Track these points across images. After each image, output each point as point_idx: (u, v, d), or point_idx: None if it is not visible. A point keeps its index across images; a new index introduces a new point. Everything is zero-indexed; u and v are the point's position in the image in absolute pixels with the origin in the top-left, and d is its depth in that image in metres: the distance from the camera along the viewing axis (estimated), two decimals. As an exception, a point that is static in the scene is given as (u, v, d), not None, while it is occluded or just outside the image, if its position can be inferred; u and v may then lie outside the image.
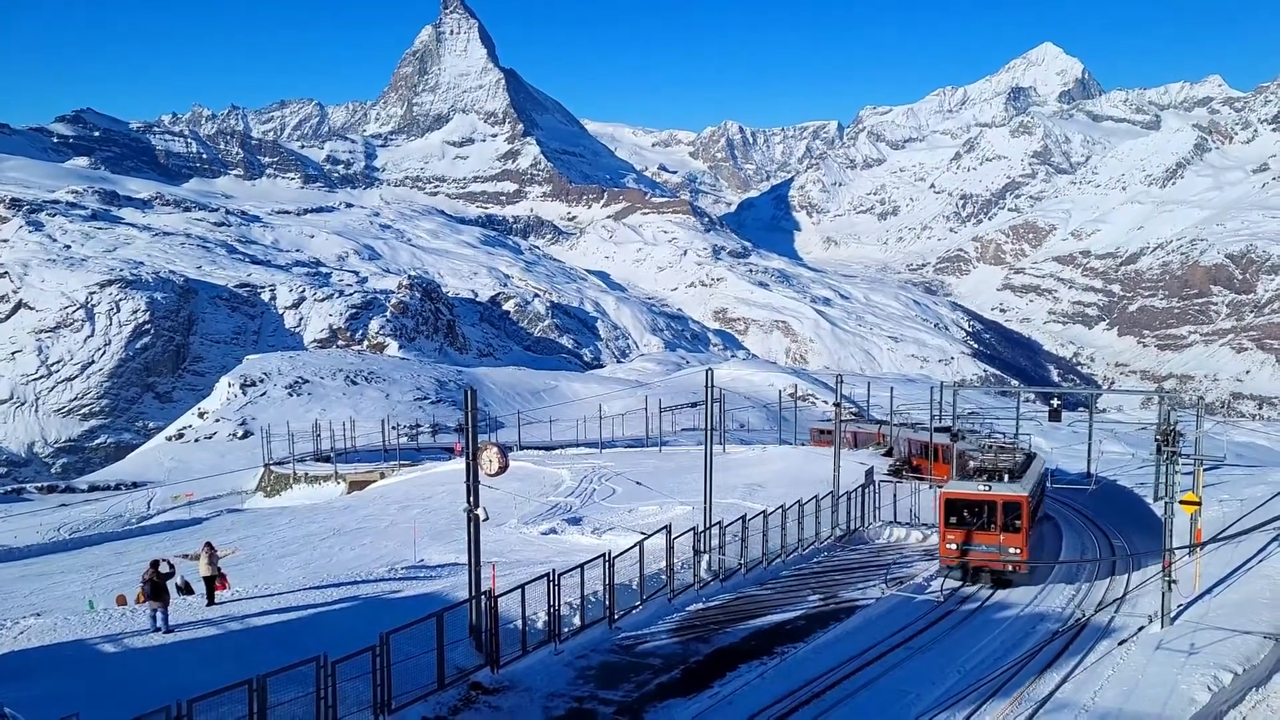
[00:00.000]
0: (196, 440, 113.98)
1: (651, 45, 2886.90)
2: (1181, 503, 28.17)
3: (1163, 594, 25.42)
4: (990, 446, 43.81)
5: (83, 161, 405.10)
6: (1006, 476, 33.83)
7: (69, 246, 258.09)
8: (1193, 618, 25.14)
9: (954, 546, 32.58)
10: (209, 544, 31.59)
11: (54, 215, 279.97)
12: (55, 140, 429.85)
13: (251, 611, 29.30)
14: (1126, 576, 36.12)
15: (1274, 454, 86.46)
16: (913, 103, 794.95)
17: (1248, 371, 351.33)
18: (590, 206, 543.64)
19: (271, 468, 79.46)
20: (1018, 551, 31.79)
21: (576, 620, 26.73)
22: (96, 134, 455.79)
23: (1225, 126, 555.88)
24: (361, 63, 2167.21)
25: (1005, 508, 32.03)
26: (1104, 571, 37.16)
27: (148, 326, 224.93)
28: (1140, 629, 25.36)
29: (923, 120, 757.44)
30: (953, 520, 32.96)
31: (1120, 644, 24.43)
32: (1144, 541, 41.31)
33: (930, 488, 47.57)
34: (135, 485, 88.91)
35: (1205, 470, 33.85)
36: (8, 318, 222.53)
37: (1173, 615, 25.37)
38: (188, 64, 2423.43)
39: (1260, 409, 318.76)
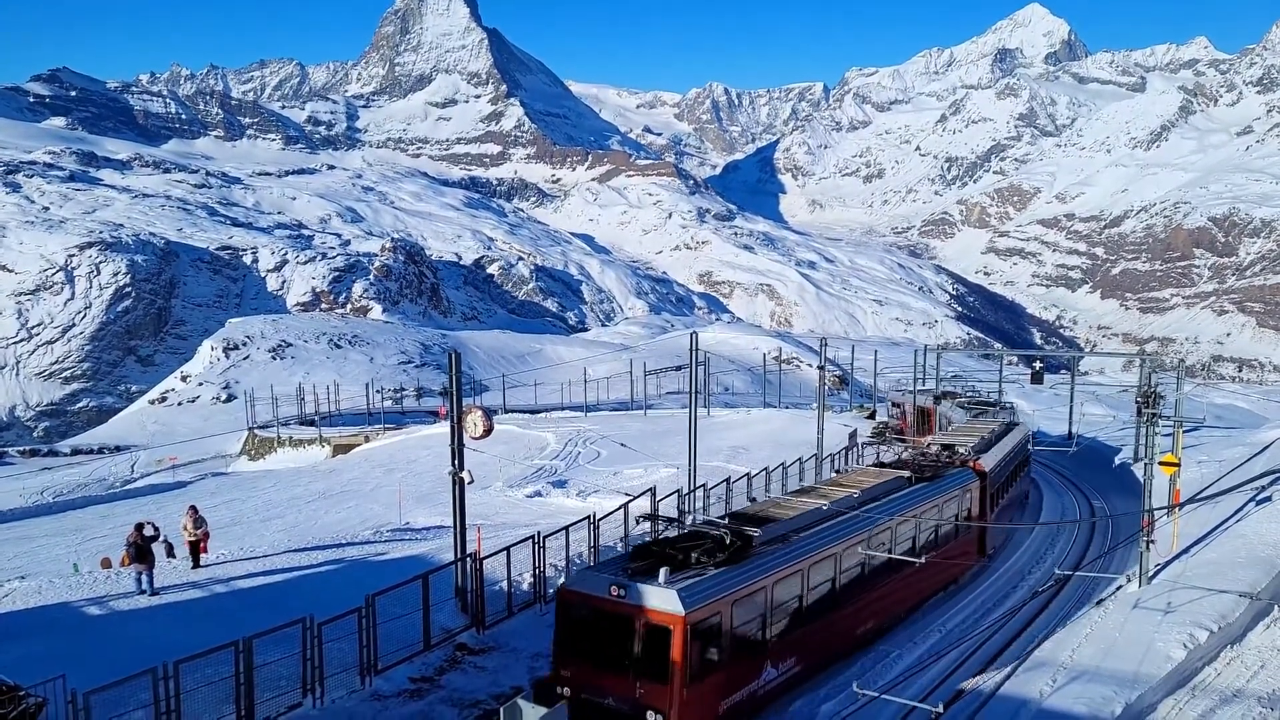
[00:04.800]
0: (179, 404, 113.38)
1: (636, 5, 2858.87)
2: (1161, 464, 28.44)
3: (1141, 554, 25.71)
4: (937, 452, 34.50)
5: (60, 122, 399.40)
6: (666, 569, 18.00)
7: (47, 208, 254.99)
8: (1170, 577, 25.45)
9: (568, 690, 18.18)
10: (193, 507, 31.62)
11: (31, 176, 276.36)
12: (31, 100, 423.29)
13: (236, 574, 29.40)
14: (1105, 537, 36.62)
15: (1253, 416, 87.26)
16: (899, 64, 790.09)
17: (1228, 334, 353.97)
18: (574, 169, 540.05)
19: (255, 431, 79.18)
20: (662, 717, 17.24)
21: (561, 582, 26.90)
22: (73, 94, 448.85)
23: (1210, 89, 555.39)
24: (342, 21, 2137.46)
25: (648, 634, 17.42)
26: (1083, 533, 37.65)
27: (128, 289, 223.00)
28: (1118, 588, 25.67)
29: (909, 82, 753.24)
30: (576, 641, 18.51)
31: (1098, 603, 24.75)
32: (1124, 502, 41.82)
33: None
34: (118, 449, 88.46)
35: (1185, 432, 34.21)
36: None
37: (1150, 574, 25.68)
38: (165, 22, 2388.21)
39: (1240, 371, 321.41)
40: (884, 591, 24.84)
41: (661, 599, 17.37)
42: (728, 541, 19.46)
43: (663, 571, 17.84)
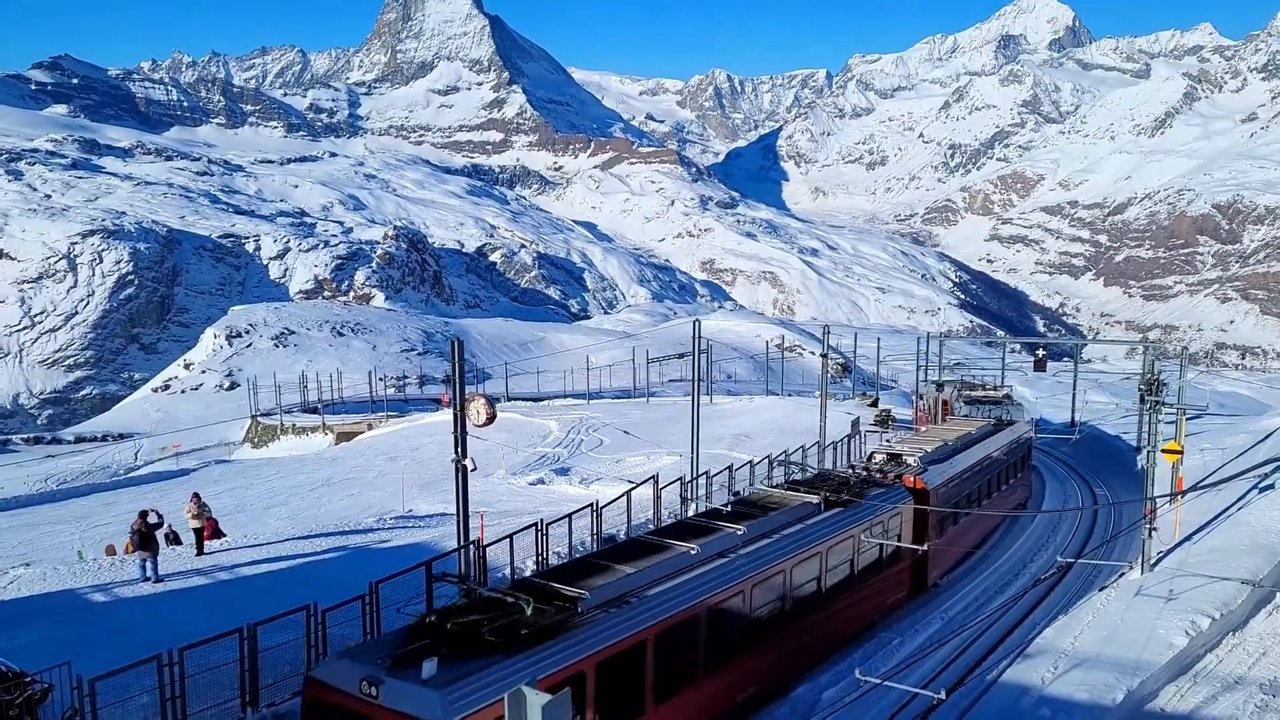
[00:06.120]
0: (182, 391, 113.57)
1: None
2: (1164, 451, 28.43)
3: (1143, 541, 25.73)
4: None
5: (61, 109, 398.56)
6: (435, 659, 13.41)
7: (50, 196, 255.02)
8: (1172, 564, 25.48)
9: None
10: (196, 494, 31.69)
11: (33, 164, 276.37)
12: (33, 87, 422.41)
13: (240, 561, 29.49)
14: (1108, 524, 36.64)
15: (1256, 403, 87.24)
16: (902, 51, 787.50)
17: (1231, 321, 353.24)
18: (577, 156, 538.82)
19: (258, 419, 79.30)
20: None
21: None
22: (75, 81, 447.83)
23: (1215, 75, 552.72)
24: (344, 8, 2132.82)
25: None
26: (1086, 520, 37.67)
27: (131, 277, 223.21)
28: (1120, 575, 25.70)
29: (912, 69, 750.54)
30: None
31: (1101, 590, 24.79)
32: (1126, 490, 41.84)
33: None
34: (122, 436, 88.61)
35: (1188, 419, 34.18)
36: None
37: (1153, 562, 25.71)
38: (167, 9, 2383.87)
39: (1243, 359, 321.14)
40: (775, 645, 20.16)
41: (420, 702, 12.89)
42: (529, 613, 14.57)
43: (427, 664, 13.26)
